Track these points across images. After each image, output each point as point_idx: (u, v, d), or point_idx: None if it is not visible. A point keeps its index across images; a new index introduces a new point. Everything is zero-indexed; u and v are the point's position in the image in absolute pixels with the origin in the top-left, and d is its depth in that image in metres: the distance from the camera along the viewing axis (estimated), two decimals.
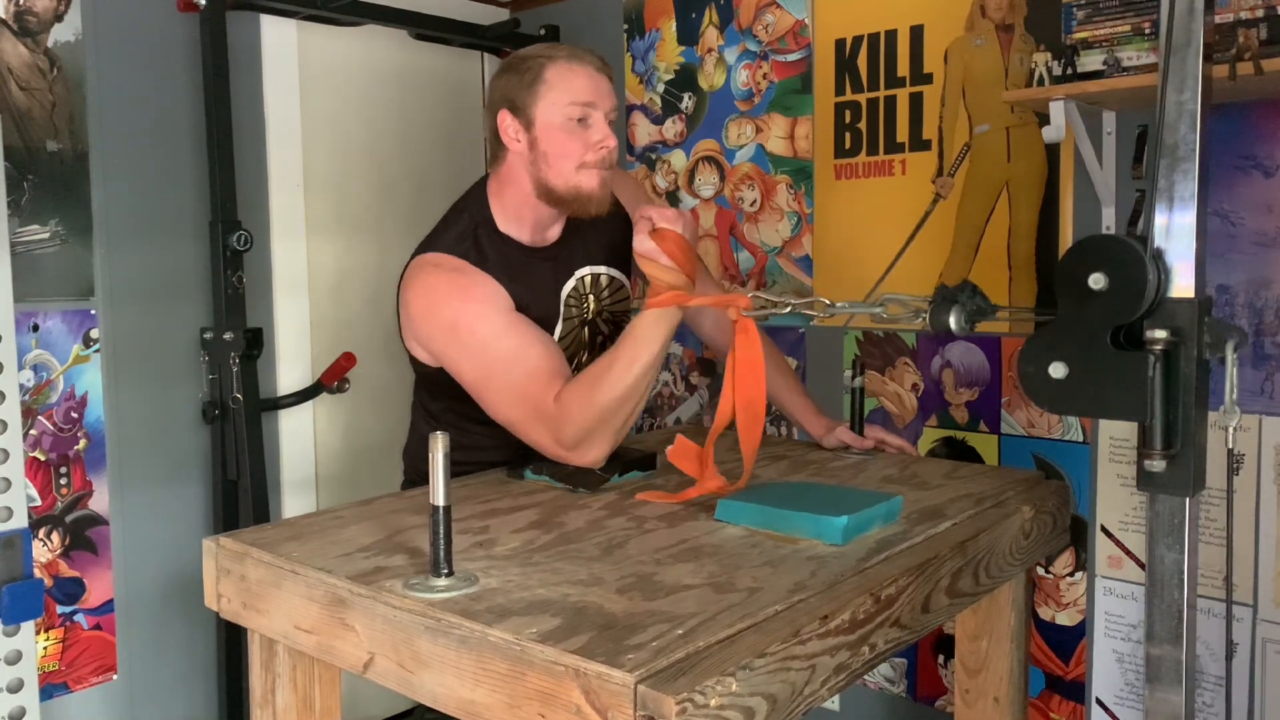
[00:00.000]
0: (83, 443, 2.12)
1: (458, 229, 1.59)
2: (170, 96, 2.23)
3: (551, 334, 1.60)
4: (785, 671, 0.97)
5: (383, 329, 2.60)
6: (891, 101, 2.21)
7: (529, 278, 1.59)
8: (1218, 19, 1.59)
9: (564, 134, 1.53)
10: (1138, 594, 1.72)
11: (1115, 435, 1.76)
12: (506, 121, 1.56)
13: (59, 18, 2.06)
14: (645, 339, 1.42)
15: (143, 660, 2.23)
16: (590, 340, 1.69)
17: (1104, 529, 1.76)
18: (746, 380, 1.38)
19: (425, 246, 1.60)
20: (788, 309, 1.36)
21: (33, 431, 2.04)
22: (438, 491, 1.07)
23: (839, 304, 1.33)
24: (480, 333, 1.50)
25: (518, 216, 1.61)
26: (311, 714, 1.32)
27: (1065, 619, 2.03)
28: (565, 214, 1.61)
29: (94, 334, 2.13)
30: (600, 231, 1.66)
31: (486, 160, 2.72)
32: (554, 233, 1.65)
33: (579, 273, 1.66)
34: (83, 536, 2.12)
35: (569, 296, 1.64)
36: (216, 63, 2.20)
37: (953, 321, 1.19)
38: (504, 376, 1.50)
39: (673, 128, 2.60)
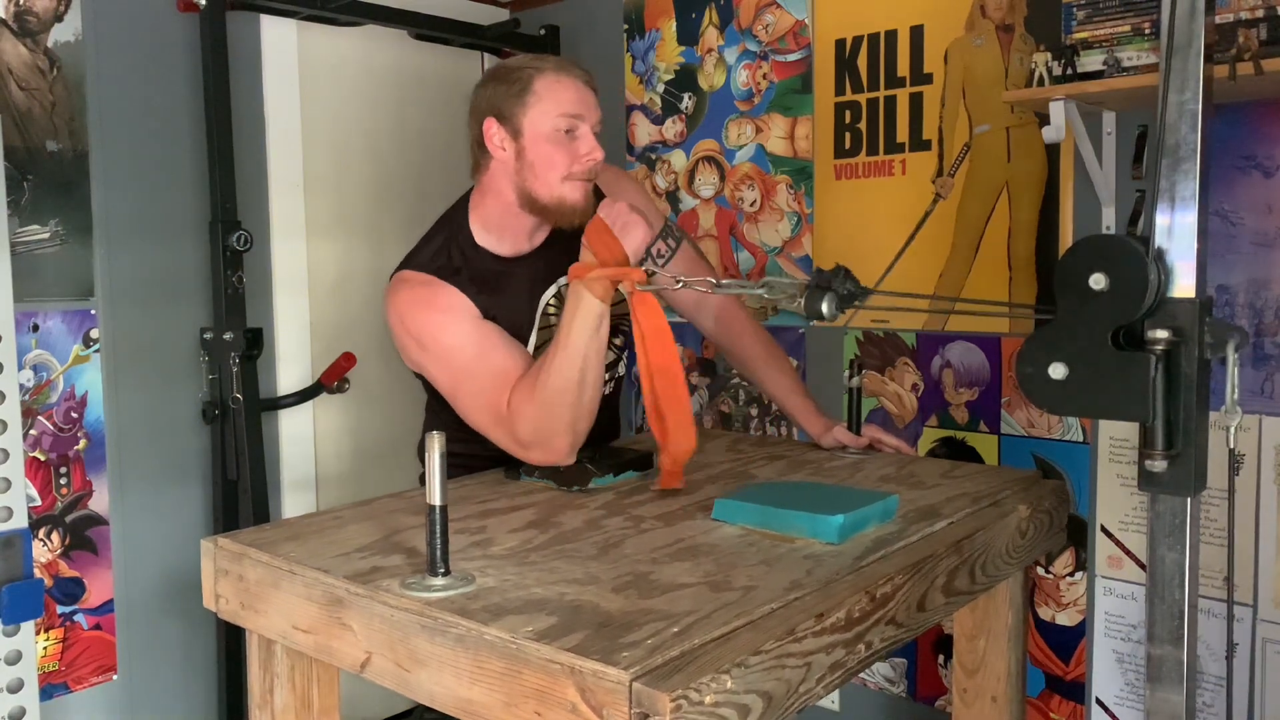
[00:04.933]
0: (83, 443, 2.12)
1: (433, 245, 1.64)
2: (170, 96, 2.23)
3: (525, 342, 1.61)
4: (781, 669, 0.97)
5: (382, 329, 2.59)
6: (891, 101, 2.21)
7: (502, 288, 1.62)
8: (1218, 19, 1.59)
9: (551, 145, 1.55)
10: (1138, 594, 1.72)
11: (1115, 435, 1.76)
12: (493, 130, 1.58)
13: (59, 18, 2.06)
14: (567, 324, 1.46)
15: (143, 660, 2.23)
16: None
17: (1104, 529, 1.76)
18: (654, 347, 1.43)
19: (402, 264, 1.65)
20: (679, 285, 1.42)
21: (33, 431, 2.04)
22: (434, 491, 1.07)
23: (725, 281, 1.40)
24: (445, 342, 1.55)
25: (499, 226, 1.64)
26: (310, 714, 1.32)
27: (1065, 619, 2.03)
28: (548, 224, 1.63)
29: (94, 334, 2.13)
30: None
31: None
32: (538, 239, 1.67)
33: (561, 280, 1.67)
34: (83, 536, 2.13)
35: (549, 304, 1.65)
36: (216, 63, 2.20)
37: (825, 307, 1.21)
38: (470, 383, 1.54)
39: (673, 128, 2.60)
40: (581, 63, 1.63)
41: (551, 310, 1.66)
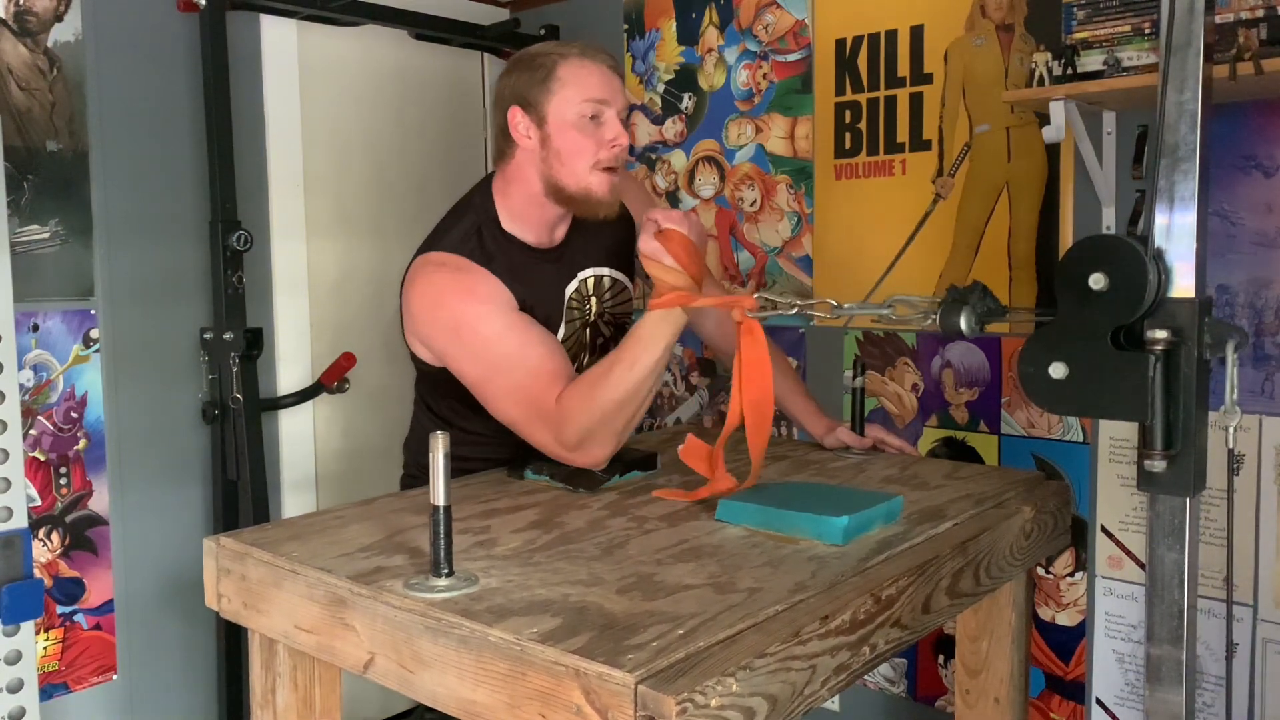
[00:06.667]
0: (83, 443, 2.12)
1: (462, 227, 1.59)
2: (170, 96, 2.23)
3: (555, 334, 1.60)
4: (786, 672, 0.97)
5: (383, 329, 2.60)
6: (891, 101, 2.21)
7: (533, 278, 1.58)
8: (1218, 19, 1.59)
9: (577, 131, 1.53)
10: (1138, 594, 1.72)
11: (1115, 435, 1.76)
12: (517, 118, 1.56)
13: (59, 18, 2.06)
14: (647, 340, 1.41)
15: (143, 660, 2.23)
16: (591, 342, 1.69)
17: (1104, 529, 1.76)
18: (753, 381, 1.37)
19: (429, 245, 1.59)
20: (793, 309, 1.34)
21: (33, 431, 2.04)
22: (438, 491, 1.07)
23: (846, 305, 1.29)
24: (483, 333, 1.50)
25: (523, 215, 1.61)
26: (312, 714, 1.32)
27: (1065, 619, 2.03)
28: (572, 214, 1.61)
29: (94, 334, 2.13)
30: (604, 233, 1.66)
31: (487, 160, 2.72)
32: (559, 233, 1.65)
33: (582, 274, 1.66)
34: (83, 536, 2.12)
35: (571, 298, 1.64)
36: (216, 63, 2.20)
37: (963, 323, 1.18)
38: (506, 376, 1.50)
39: (673, 128, 2.60)
40: (606, 47, 1.60)
41: (574, 305, 1.65)
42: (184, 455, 2.28)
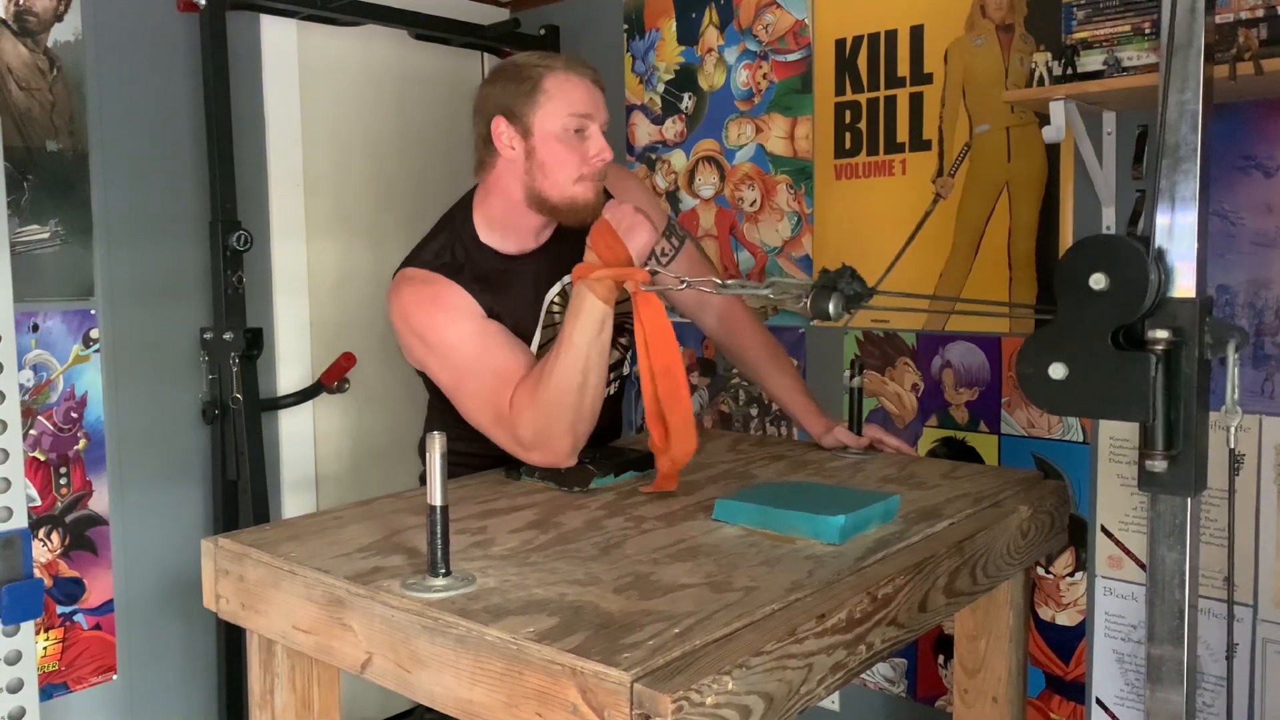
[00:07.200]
0: (82, 443, 2.12)
1: (437, 243, 1.63)
2: (170, 96, 2.23)
3: (528, 341, 1.62)
4: (782, 670, 0.97)
5: (383, 329, 2.60)
6: (891, 101, 2.21)
7: (506, 287, 1.61)
8: (1218, 19, 1.59)
9: (562, 145, 1.55)
10: (1138, 594, 1.71)
11: (1115, 435, 1.75)
12: (501, 128, 1.57)
13: (59, 18, 2.06)
14: (570, 328, 1.46)
15: (142, 660, 2.23)
16: None
17: (1104, 529, 1.76)
18: (658, 348, 1.43)
19: (405, 262, 1.64)
20: (684, 285, 1.42)
21: (33, 431, 2.04)
22: (435, 491, 1.07)
23: (729, 282, 1.39)
24: (447, 341, 1.55)
25: (503, 224, 1.63)
26: (310, 714, 1.32)
27: (1065, 619, 2.03)
28: (557, 222, 1.62)
29: (94, 334, 2.13)
30: None
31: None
32: (543, 237, 1.66)
33: (567, 278, 1.66)
34: (83, 536, 2.13)
35: (554, 302, 1.65)
36: (216, 63, 2.20)
37: (832, 308, 1.21)
38: (471, 382, 1.54)
39: (673, 128, 2.60)
40: (588, 61, 1.63)
41: (556, 308, 1.66)
42: (184, 455, 2.29)
